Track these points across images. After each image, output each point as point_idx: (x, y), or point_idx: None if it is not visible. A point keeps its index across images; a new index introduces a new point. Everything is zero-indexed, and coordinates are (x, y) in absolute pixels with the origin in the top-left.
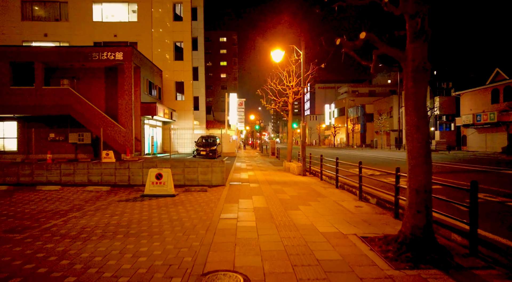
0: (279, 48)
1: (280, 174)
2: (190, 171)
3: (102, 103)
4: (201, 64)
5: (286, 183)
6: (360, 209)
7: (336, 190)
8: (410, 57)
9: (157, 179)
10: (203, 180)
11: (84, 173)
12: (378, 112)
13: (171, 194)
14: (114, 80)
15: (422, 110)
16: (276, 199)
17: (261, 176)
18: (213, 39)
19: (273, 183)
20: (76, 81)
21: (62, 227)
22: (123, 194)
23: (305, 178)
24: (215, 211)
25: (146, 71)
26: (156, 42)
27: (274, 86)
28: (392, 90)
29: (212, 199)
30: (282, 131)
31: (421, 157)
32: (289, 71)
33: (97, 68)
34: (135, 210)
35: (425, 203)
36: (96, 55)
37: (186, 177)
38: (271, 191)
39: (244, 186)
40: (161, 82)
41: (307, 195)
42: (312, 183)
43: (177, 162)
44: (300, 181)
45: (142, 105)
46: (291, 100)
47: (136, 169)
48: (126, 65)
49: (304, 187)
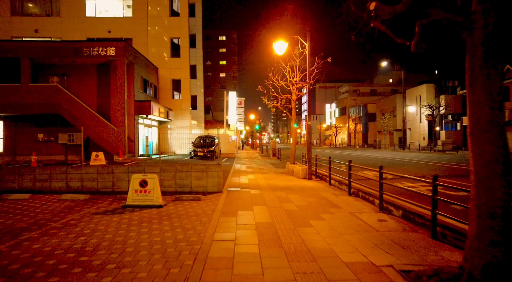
0: (282, 39)
1: (284, 178)
2: (182, 176)
3: (93, 102)
4: (199, 62)
5: (291, 189)
6: (384, 225)
7: (349, 198)
8: (480, 22)
9: (142, 187)
10: (197, 186)
11: (62, 179)
12: (381, 112)
13: (157, 205)
14: (106, 78)
15: (498, 99)
16: (282, 211)
17: (262, 180)
18: (212, 37)
19: (276, 189)
20: (66, 78)
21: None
22: (103, 204)
23: (311, 183)
24: (208, 229)
25: (140, 68)
26: (152, 38)
27: (276, 82)
28: (394, 90)
29: (206, 210)
30: (282, 131)
31: (497, 165)
32: (293, 66)
33: (88, 64)
34: (109, 227)
35: (505, 232)
36: (86, 51)
37: (178, 182)
38: (275, 200)
39: (244, 192)
40: (157, 80)
41: (318, 205)
42: (320, 188)
43: (168, 165)
44: (306, 186)
45: (136, 103)
46: (295, 97)
47: (121, 174)
48: (119, 61)
49: (312, 194)
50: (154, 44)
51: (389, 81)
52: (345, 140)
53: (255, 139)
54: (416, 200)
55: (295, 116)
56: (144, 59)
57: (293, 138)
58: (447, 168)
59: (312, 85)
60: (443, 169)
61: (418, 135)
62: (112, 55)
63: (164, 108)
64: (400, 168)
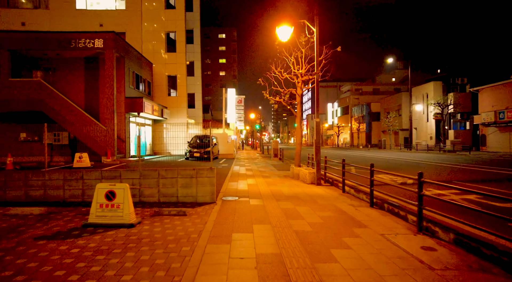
0: (286, 23)
1: (288, 183)
2: (166, 183)
3: (81, 99)
4: (198, 59)
5: (299, 198)
6: (436, 257)
7: (372, 211)
8: None
9: (108, 200)
10: (185, 195)
11: (20, 186)
12: (385, 111)
13: (128, 224)
14: (95, 73)
15: None
16: (291, 233)
17: (264, 185)
18: (211, 35)
19: (281, 198)
20: (51, 73)
21: None
22: (59, 222)
23: (321, 189)
24: (188, 269)
25: (132, 62)
26: (146, 32)
27: (280, 75)
28: (397, 89)
29: (191, 232)
30: (283, 131)
31: None
32: (297, 57)
33: (75, 58)
34: (45, 265)
35: None
36: (72, 42)
37: (161, 191)
38: (281, 214)
39: (242, 203)
40: (151, 76)
41: (336, 222)
42: (334, 197)
43: (149, 170)
44: (316, 195)
45: (126, 100)
46: (300, 91)
47: (92, 181)
48: (107, 54)
49: (326, 206)
50: (148, 38)
51: (392, 80)
52: (348, 140)
53: (255, 139)
54: (456, 214)
55: (300, 113)
56: (137, 53)
57: (298, 137)
58: (470, 171)
59: (320, 76)
60: (466, 172)
61: (425, 135)
62: (100, 47)
63: (158, 105)
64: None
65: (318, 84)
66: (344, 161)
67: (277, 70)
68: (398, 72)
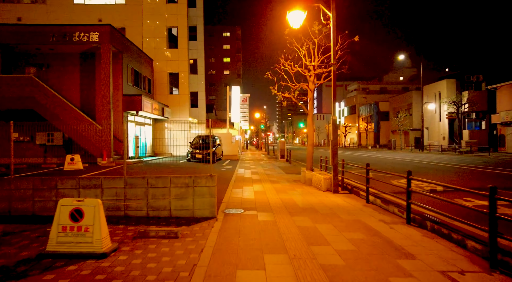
0: (298, 7)
1: (300, 190)
2: (157, 194)
3: (76, 97)
4: (201, 56)
5: (317, 211)
6: None
7: (411, 229)
8: None
9: (74, 221)
10: (179, 208)
11: None
12: (395, 110)
13: (98, 254)
14: (91, 69)
15: None
16: (317, 270)
17: (273, 193)
18: (215, 34)
19: (295, 210)
20: (45, 69)
21: None
22: (10, 249)
23: (339, 198)
24: None
25: (130, 57)
26: (147, 27)
27: (290, 68)
28: (405, 88)
29: (180, 268)
30: (288, 131)
31: None
32: (309, 49)
33: (70, 53)
34: None
35: None
36: (66, 36)
37: (150, 203)
38: (299, 237)
39: (248, 219)
40: (152, 73)
41: (373, 248)
42: (357, 209)
43: (136, 178)
44: (336, 205)
45: (124, 98)
46: (313, 86)
47: (67, 190)
48: (103, 48)
49: (353, 223)
50: (149, 34)
51: (399, 79)
52: (355, 140)
53: (260, 139)
54: None
55: (312, 110)
56: (136, 49)
57: (310, 137)
58: (505, 177)
59: (337, 67)
60: (500, 177)
61: (437, 135)
62: (95, 41)
63: (158, 104)
64: (437, 174)
65: (335, 76)
66: (369, 166)
67: (287, 63)
68: (406, 70)
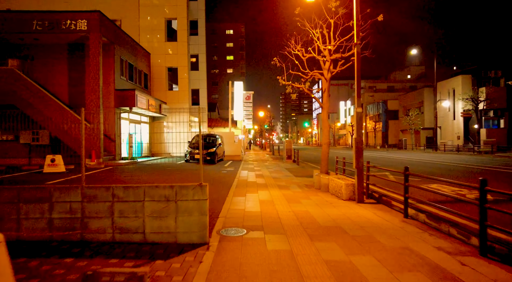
0: None
1: (315, 198)
2: (127, 210)
3: (64, 91)
4: (202, 52)
5: (346, 232)
6: None
7: (493, 267)
8: None
9: None
10: (156, 230)
11: None
12: (405, 108)
13: None
14: (80, 62)
15: None
16: None
17: (283, 203)
18: (218, 32)
19: (316, 231)
20: (29, 61)
21: None
22: None
23: (368, 211)
24: None
25: (124, 49)
26: (144, 19)
27: (301, 54)
28: (412, 86)
29: None
30: (292, 131)
31: None
32: (323, 31)
33: (56, 44)
34: None
35: None
36: (51, 25)
37: (117, 223)
38: None
39: (253, 248)
40: (149, 68)
41: None
42: (397, 228)
43: (98, 188)
44: (368, 223)
45: (116, 93)
46: (329, 75)
47: (1, 206)
48: (92, 38)
49: (402, 255)
50: (146, 26)
51: (406, 77)
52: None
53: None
54: None
55: (327, 103)
56: (130, 40)
57: (326, 135)
58: None
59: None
60: None
61: (451, 134)
62: (83, 30)
63: (155, 100)
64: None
65: (359, 59)
66: (408, 171)
67: (299, 46)
68: (414, 68)
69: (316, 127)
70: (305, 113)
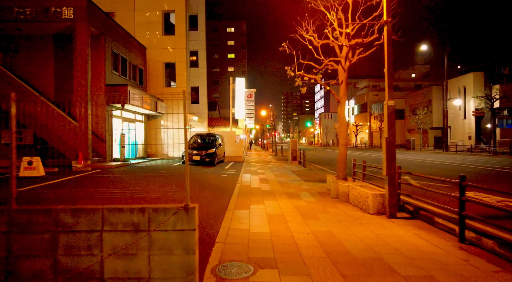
0: None
1: (335, 212)
2: (77, 244)
3: (50, 87)
4: (202, 47)
5: (394, 272)
6: None
7: None
8: None
9: None
10: (120, 274)
11: None
12: (412, 107)
13: None
14: (68, 55)
15: None
16: None
17: (297, 219)
18: (219, 29)
19: (350, 268)
20: (11, 54)
21: None
22: None
23: (408, 232)
24: None
25: (116, 42)
26: (140, 12)
27: (314, 39)
28: (417, 85)
29: None
30: (294, 131)
31: None
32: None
33: (42, 35)
34: None
35: None
36: (32, 12)
37: (63, 263)
38: None
39: None
40: (144, 63)
41: None
42: (461, 262)
43: (33, 212)
44: (417, 252)
45: (107, 88)
46: (347, 64)
47: None
48: (79, 27)
49: None
50: (142, 19)
51: (411, 76)
52: (365, 140)
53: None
54: None
55: (345, 97)
56: (124, 32)
57: (343, 136)
58: None
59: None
60: None
61: (462, 134)
62: (69, 18)
63: (150, 97)
64: (504, 182)
65: (390, 40)
66: (465, 180)
67: (309, 33)
68: (418, 67)
69: (318, 126)
70: (306, 112)
